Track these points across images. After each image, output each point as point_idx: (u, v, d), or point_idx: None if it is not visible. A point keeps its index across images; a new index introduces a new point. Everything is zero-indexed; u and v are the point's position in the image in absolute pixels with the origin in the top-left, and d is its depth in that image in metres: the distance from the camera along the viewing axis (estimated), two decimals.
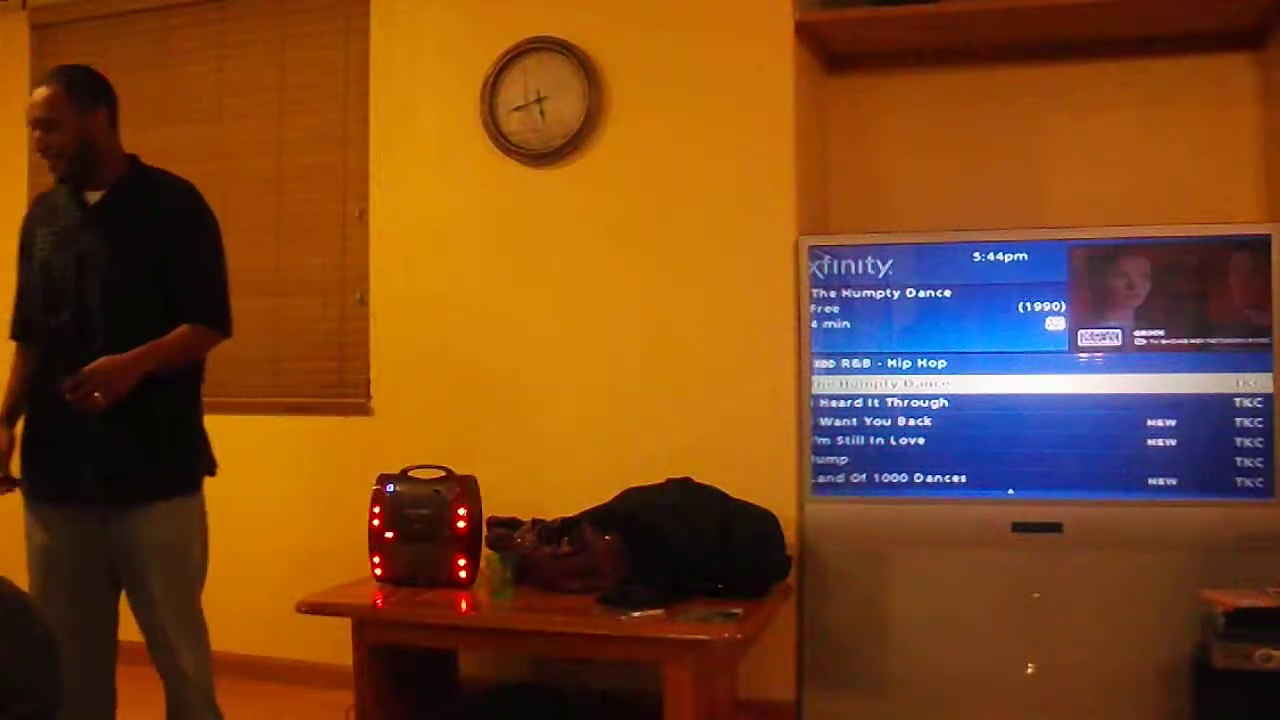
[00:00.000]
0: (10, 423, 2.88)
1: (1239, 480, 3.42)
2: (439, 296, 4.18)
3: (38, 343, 2.88)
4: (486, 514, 3.65)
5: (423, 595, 3.47)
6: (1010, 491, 3.55)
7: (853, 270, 3.70)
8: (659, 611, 3.16)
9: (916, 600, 3.61)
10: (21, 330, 2.94)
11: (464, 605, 3.45)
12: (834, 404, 3.68)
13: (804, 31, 3.85)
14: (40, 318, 2.86)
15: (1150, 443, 3.48)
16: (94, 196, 2.89)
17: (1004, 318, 3.59)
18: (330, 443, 4.30)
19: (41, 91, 2.85)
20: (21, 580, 2.36)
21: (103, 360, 2.64)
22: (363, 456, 3.99)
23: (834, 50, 4.11)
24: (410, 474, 3.66)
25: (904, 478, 3.62)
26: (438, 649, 3.76)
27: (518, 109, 4.05)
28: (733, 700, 3.72)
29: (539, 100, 4.02)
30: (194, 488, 2.91)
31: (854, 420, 3.67)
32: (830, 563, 3.68)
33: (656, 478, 3.61)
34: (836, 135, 4.18)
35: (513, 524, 3.63)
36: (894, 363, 3.65)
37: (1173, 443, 3.47)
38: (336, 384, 4.35)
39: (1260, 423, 3.41)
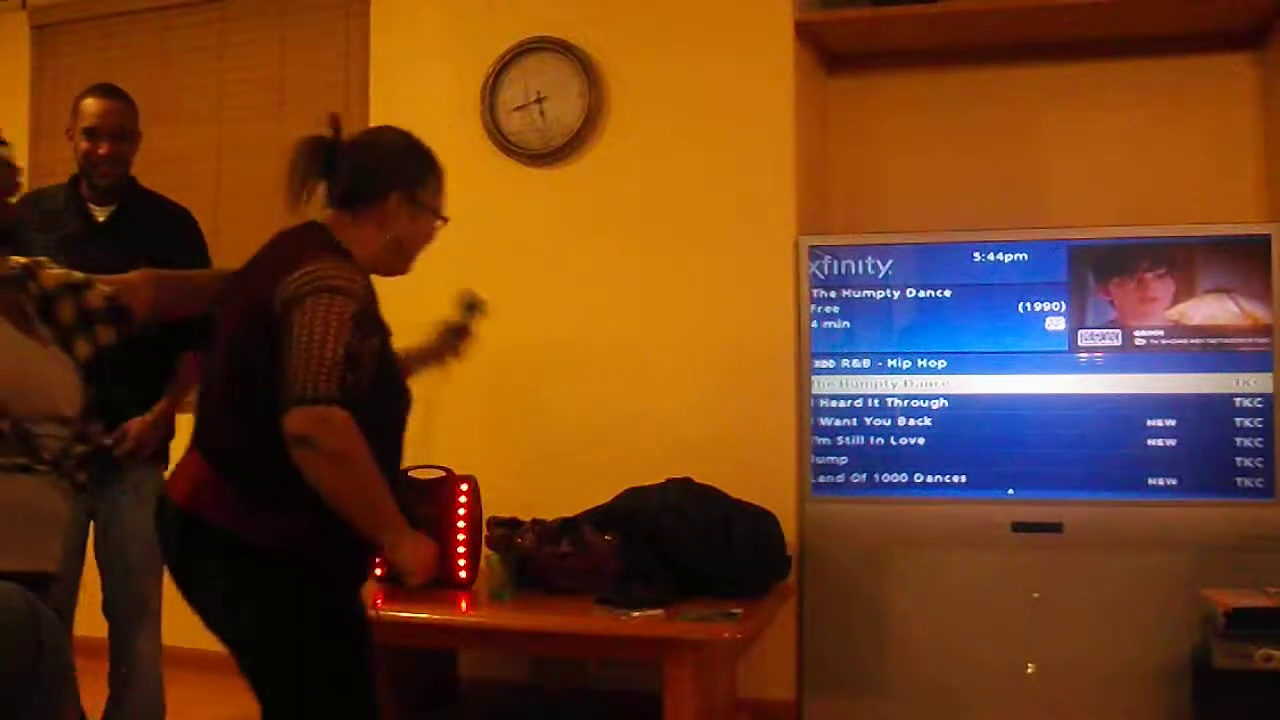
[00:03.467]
0: None
1: (1239, 480, 3.42)
2: (437, 296, 4.17)
3: None
4: (486, 514, 3.65)
5: (422, 595, 3.47)
6: (1010, 491, 3.55)
7: (853, 270, 3.70)
8: (659, 611, 3.16)
9: (916, 600, 3.61)
10: None
11: (464, 605, 3.45)
12: (834, 404, 3.68)
13: (804, 31, 3.85)
14: None
15: (1150, 443, 3.48)
16: (101, 212, 3.02)
17: (1004, 318, 3.59)
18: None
19: (115, 103, 3.03)
20: None
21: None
22: None
23: (834, 50, 4.11)
24: (410, 474, 3.66)
25: (904, 478, 3.62)
26: (438, 649, 3.76)
27: (518, 109, 4.05)
28: (733, 700, 3.72)
29: (539, 100, 4.02)
30: None
31: (854, 420, 3.67)
32: (830, 563, 3.68)
33: (656, 478, 3.61)
34: (836, 135, 4.18)
35: (513, 524, 3.63)
36: (894, 363, 3.65)
37: (1173, 443, 3.47)
38: None
39: (1260, 423, 3.41)
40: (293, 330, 1.98)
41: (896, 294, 3.67)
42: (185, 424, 2.89)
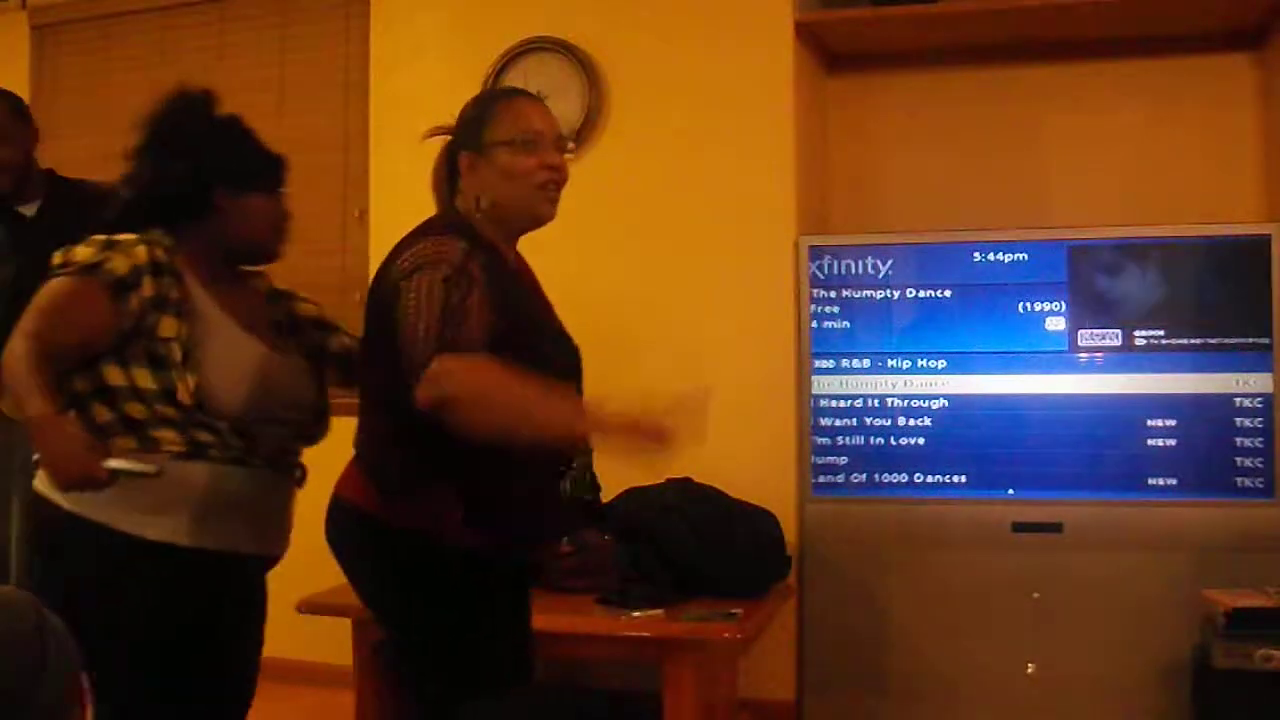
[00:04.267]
0: None
1: (1239, 480, 3.42)
2: None
3: None
4: None
5: None
6: (1010, 491, 3.55)
7: (853, 270, 3.70)
8: (659, 611, 3.16)
9: (916, 600, 3.61)
10: None
11: None
12: (834, 404, 3.68)
13: (804, 31, 3.85)
14: None
15: (1150, 443, 3.48)
16: (28, 209, 2.95)
17: (1004, 318, 3.59)
18: (330, 442, 4.28)
19: None
20: None
21: None
22: None
23: (834, 50, 4.11)
24: None
25: (904, 478, 3.62)
26: None
27: None
28: (733, 700, 3.72)
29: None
30: None
31: (854, 420, 3.66)
32: (830, 563, 3.68)
33: (656, 478, 3.60)
34: (836, 135, 4.18)
35: None
36: (894, 363, 3.65)
37: (1173, 443, 3.46)
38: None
39: (1260, 423, 3.41)
40: (398, 323, 2.01)
41: (896, 294, 3.67)
42: None
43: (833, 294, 3.70)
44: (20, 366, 1.94)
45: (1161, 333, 3.49)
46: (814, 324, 3.70)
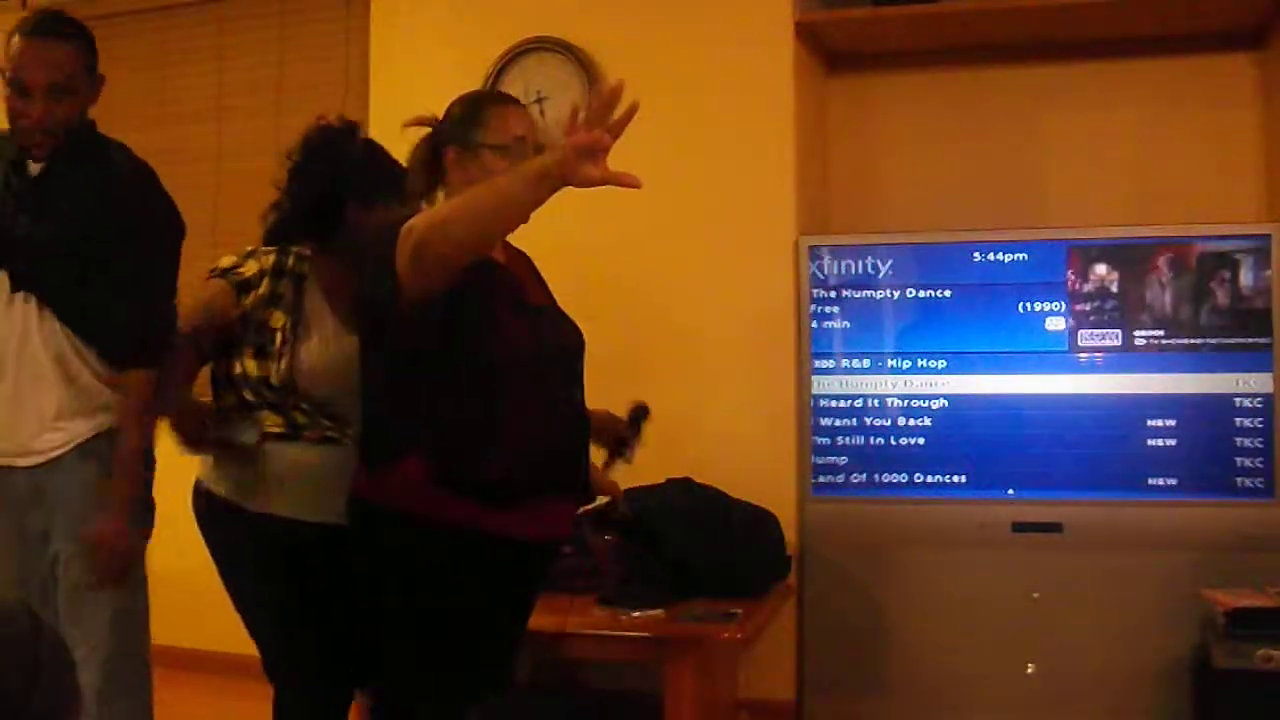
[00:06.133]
0: None
1: (1239, 480, 3.42)
2: None
3: None
4: None
5: None
6: (1010, 491, 3.55)
7: (853, 270, 3.70)
8: (659, 611, 3.16)
9: (916, 600, 3.61)
10: None
11: None
12: (834, 404, 3.68)
13: (804, 31, 3.85)
14: None
15: (1150, 443, 3.48)
16: (35, 165, 2.43)
17: (1004, 318, 3.59)
18: None
19: (55, 47, 2.44)
20: None
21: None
22: None
23: (834, 50, 4.11)
24: None
25: (904, 478, 3.62)
26: None
27: None
28: (733, 700, 3.72)
29: (539, 100, 4.02)
30: None
31: (854, 420, 3.67)
32: (830, 563, 3.68)
33: (656, 478, 3.60)
34: (836, 135, 4.18)
35: None
36: (894, 363, 3.65)
37: (1173, 443, 3.46)
38: None
39: (1260, 423, 3.41)
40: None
41: (896, 294, 3.67)
42: None
43: (833, 294, 3.70)
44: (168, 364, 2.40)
45: (1161, 333, 3.49)
46: (814, 324, 3.70)
